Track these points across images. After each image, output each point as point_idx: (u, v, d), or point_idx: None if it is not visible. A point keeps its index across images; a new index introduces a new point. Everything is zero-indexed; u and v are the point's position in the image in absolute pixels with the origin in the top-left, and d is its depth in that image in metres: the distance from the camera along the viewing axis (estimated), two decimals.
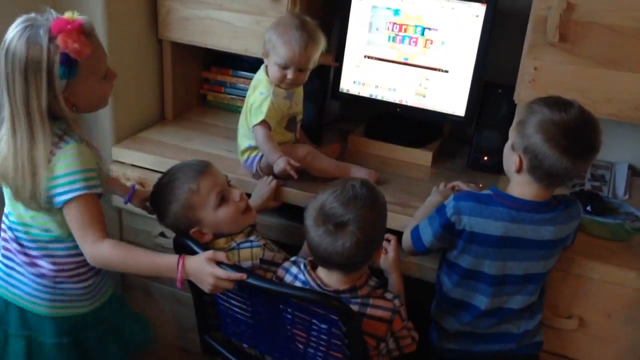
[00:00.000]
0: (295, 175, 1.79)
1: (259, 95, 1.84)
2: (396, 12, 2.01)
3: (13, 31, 1.36)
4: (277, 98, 1.84)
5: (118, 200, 1.94)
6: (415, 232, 1.61)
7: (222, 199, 1.56)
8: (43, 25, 1.36)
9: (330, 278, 1.44)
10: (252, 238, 1.60)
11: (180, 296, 2.06)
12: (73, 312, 1.60)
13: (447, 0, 1.94)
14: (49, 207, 1.47)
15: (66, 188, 1.42)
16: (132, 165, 2.07)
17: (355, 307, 1.40)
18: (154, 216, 1.65)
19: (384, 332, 1.42)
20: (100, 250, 1.45)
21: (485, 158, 2.02)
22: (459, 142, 2.19)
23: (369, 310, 1.41)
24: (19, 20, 1.38)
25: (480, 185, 1.92)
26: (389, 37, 2.03)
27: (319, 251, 1.38)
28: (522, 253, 1.51)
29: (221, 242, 1.59)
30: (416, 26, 2.00)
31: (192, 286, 1.58)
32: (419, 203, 1.77)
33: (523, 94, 1.74)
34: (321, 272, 1.45)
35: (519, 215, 1.49)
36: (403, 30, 2.02)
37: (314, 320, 1.39)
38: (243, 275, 1.38)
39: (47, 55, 1.34)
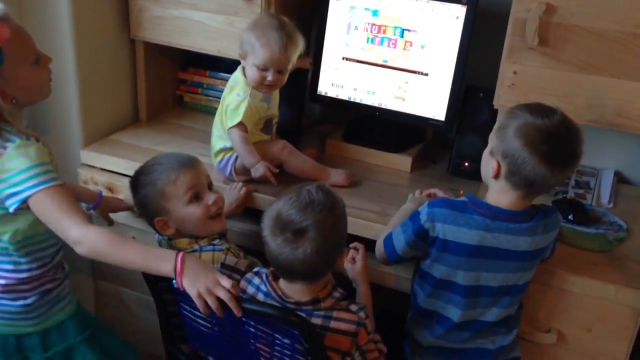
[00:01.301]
0: (274, 180, 1.77)
1: (235, 97, 1.78)
2: (375, 12, 1.95)
3: None
4: (254, 100, 1.79)
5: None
6: (388, 239, 1.55)
7: (196, 198, 1.55)
8: None
9: (292, 289, 1.37)
10: (215, 242, 1.58)
11: (153, 304, 1.99)
12: (15, 331, 1.52)
13: (426, 1, 1.88)
14: None
15: (23, 186, 1.33)
16: (102, 169, 2.00)
17: (317, 320, 1.34)
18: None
19: (349, 346, 1.35)
20: (88, 234, 1.33)
21: (466, 164, 1.96)
22: (441, 147, 2.13)
23: (333, 324, 1.35)
24: None
25: (461, 192, 1.87)
26: (368, 38, 1.97)
27: (279, 261, 1.32)
28: (498, 264, 1.45)
29: (184, 242, 1.57)
30: (395, 27, 1.94)
31: (155, 295, 1.52)
32: (396, 210, 1.71)
33: (503, 98, 1.68)
34: (283, 283, 1.39)
35: (493, 224, 1.43)
36: (382, 31, 1.96)
37: (276, 335, 1.33)
38: (238, 311, 1.28)
39: None
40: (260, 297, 1.41)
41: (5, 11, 1.33)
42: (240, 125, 1.77)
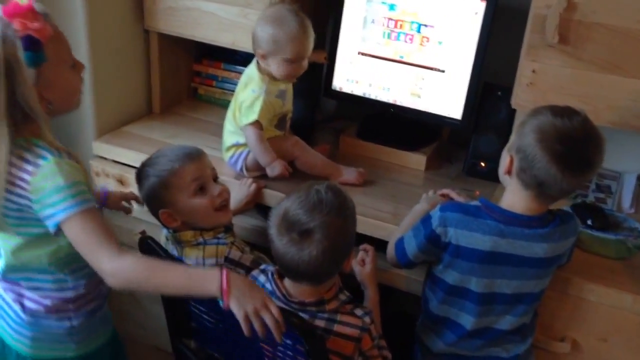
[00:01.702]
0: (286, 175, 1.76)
1: (250, 93, 1.75)
2: (392, 7, 1.90)
3: None
4: (270, 96, 1.75)
5: None
6: (400, 243, 1.51)
7: (201, 189, 1.54)
8: None
9: (296, 289, 1.35)
10: (220, 236, 1.56)
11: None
12: (56, 355, 1.46)
13: None
14: (26, 230, 1.33)
15: (59, 208, 1.25)
16: (114, 161, 1.99)
17: (321, 323, 1.31)
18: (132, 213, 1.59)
19: (352, 351, 1.32)
20: (122, 265, 1.25)
21: (482, 164, 1.91)
22: (457, 146, 2.08)
23: (336, 327, 1.32)
24: None
25: (478, 193, 1.82)
26: (384, 33, 1.93)
27: (285, 261, 1.30)
28: (512, 270, 1.41)
29: (189, 234, 1.56)
30: (412, 22, 1.89)
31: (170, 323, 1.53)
32: (409, 210, 1.67)
33: (520, 97, 1.62)
34: (288, 282, 1.36)
35: (508, 230, 1.38)
36: (399, 26, 1.91)
37: None
38: (279, 338, 1.22)
39: (4, 44, 1.20)
40: None
41: (45, 10, 1.28)
42: (256, 123, 1.73)
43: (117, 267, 1.26)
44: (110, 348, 1.58)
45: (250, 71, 1.79)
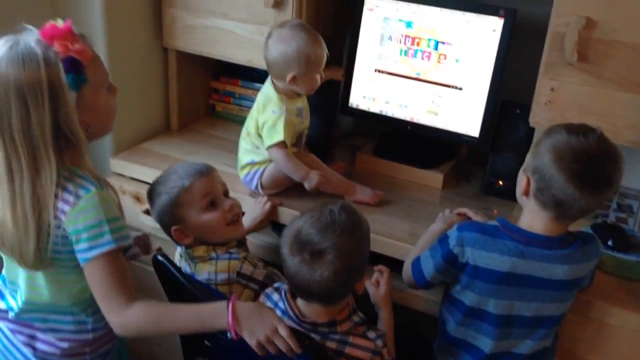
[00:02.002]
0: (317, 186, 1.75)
1: (271, 114, 1.73)
2: (409, 24, 1.89)
3: None
4: (290, 115, 1.75)
5: None
6: (416, 263, 1.49)
7: (212, 205, 1.54)
8: (31, 39, 1.18)
9: (309, 309, 1.34)
10: (232, 251, 1.56)
11: None
12: None
13: (462, 13, 1.82)
14: (59, 264, 1.29)
15: (92, 243, 1.22)
16: (131, 178, 2.00)
17: (332, 345, 1.30)
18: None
19: None
20: (130, 318, 1.25)
21: (501, 183, 1.88)
22: (475, 164, 2.06)
23: (348, 349, 1.30)
24: (2, 40, 1.20)
25: (496, 212, 1.80)
26: (401, 50, 1.92)
27: (296, 282, 1.29)
28: (532, 293, 1.38)
29: (201, 249, 1.56)
30: (429, 40, 1.88)
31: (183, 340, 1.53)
32: (425, 229, 1.64)
33: (539, 116, 1.60)
34: (300, 301, 1.35)
35: (527, 251, 1.35)
36: (416, 43, 1.90)
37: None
38: (299, 349, 1.23)
39: (46, 68, 1.15)
40: (277, 313, 1.37)
41: (82, 32, 1.26)
42: (282, 143, 1.73)
43: (125, 321, 1.26)
44: None
45: (267, 92, 1.77)
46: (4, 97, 1.15)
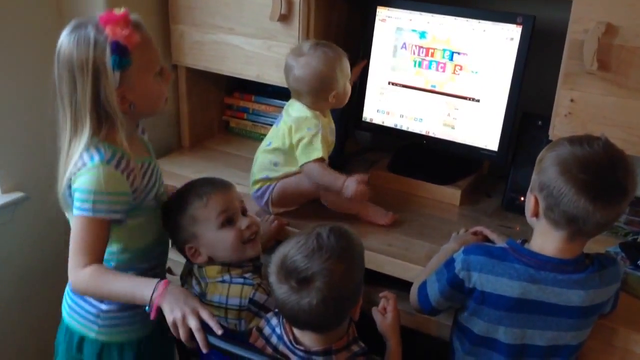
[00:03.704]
0: (368, 192, 1.67)
1: (307, 131, 1.69)
2: (422, 34, 1.81)
3: (63, 35, 1.34)
4: (325, 131, 1.71)
5: None
6: (423, 288, 1.41)
7: (228, 222, 1.49)
8: (91, 23, 1.33)
9: (303, 336, 1.27)
10: (247, 275, 1.49)
11: None
12: (82, 332, 1.51)
13: (478, 21, 1.73)
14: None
15: (78, 204, 1.35)
16: None
17: None
18: None
19: None
20: (79, 277, 1.36)
21: (522, 199, 1.77)
22: (498, 179, 1.95)
23: None
24: (70, 24, 1.36)
25: (518, 229, 1.70)
26: (415, 62, 1.84)
27: (285, 311, 1.22)
28: (545, 320, 1.28)
29: (214, 269, 1.50)
30: (444, 50, 1.80)
31: (179, 347, 1.46)
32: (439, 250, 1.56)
33: (558, 129, 1.51)
34: (295, 328, 1.28)
35: (539, 275, 1.25)
36: (430, 54, 1.82)
37: None
38: (204, 345, 1.24)
39: (95, 48, 1.30)
40: (274, 339, 1.32)
41: (138, 20, 1.38)
42: (320, 159, 1.68)
43: (76, 279, 1.36)
44: (131, 352, 1.55)
45: (300, 113, 1.71)
46: (61, 68, 1.34)
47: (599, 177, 1.18)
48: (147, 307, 1.30)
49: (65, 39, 1.34)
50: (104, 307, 1.47)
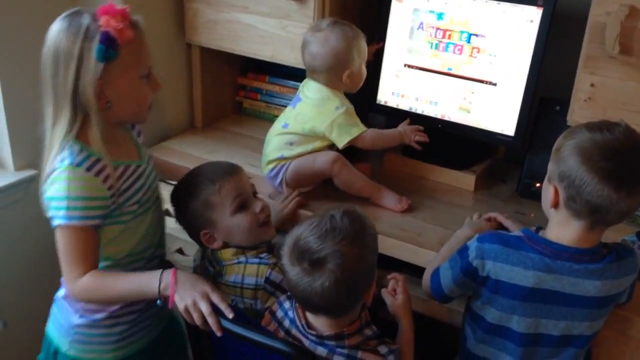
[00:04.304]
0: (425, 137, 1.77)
1: (335, 112, 1.69)
2: (440, 15, 1.78)
3: (57, 20, 1.31)
4: (350, 103, 1.73)
5: None
6: (436, 275, 1.39)
7: (242, 207, 1.48)
8: (88, 11, 1.31)
9: (316, 320, 1.26)
10: (262, 255, 1.49)
11: None
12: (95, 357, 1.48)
13: (497, 3, 1.69)
14: None
15: (54, 213, 1.32)
16: None
17: (340, 359, 1.20)
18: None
19: None
20: (78, 288, 1.34)
21: (538, 185, 1.74)
22: (513, 164, 1.92)
23: None
24: (68, 10, 1.33)
25: (533, 216, 1.68)
26: (432, 44, 1.81)
27: (297, 293, 1.21)
28: (560, 310, 1.26)
29: (229, 252, 1.49)
30: (462, 32, 1.76)
31: (190, 331, 1.47)
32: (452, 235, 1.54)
33: (577, 114, 1.47)
34: (308, 312, 1.27)
35: (554, 264, 1.23)
36: (447, 36, 1.78)
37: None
38: (217, 328, 1.26)
39: (85, 35, 1.27)
40: (286, 323, 1.32)
41: (138, 20, 1.35)
42: (365, 131, 1.72)
43: (74, 290, 1.35)
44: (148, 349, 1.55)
45: (320, 94, 1.71)
46: (47, 53, 1.30)
47: (622, 164, 1.14)
48: (158, 301, 1.30)
49: (57, 24, 1.30)
50: (76, 321, 1.45)
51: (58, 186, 1.30)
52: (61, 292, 1.48)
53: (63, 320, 1.47)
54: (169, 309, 1.32)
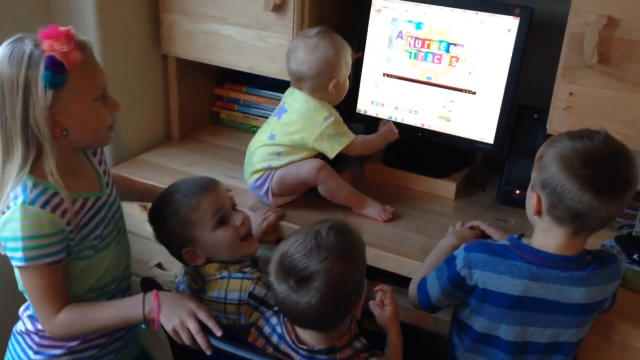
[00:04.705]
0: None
1: (324, 122, 1.67)
2: (418, 25, 1.79)
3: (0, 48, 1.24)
4: (337, 112, 1.73)
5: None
6: (422, 285, 1.39)
7: (222, 221, 1.45)
8: (30, 37, 1.22)
9: (306, 335, 1.25)
10: (246, 270, 1.47)
11: None
12: None
13: (475, 12, 1.71)
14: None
15: (11, 254, 1.27)
16: None
17: None
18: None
19: None
20: (56, 326, 1.31)
21: (518, 192, 1.77)
22: (491, 172, 1.94)
23: None
24: (11, 38, 1.25)
25: (513, 222, 1.69)
26: (410, 53, 1.81)
27: (285, 310, 1.20)
28: (546, 318, 1.27)
29: (213, 267, 1.47)
30: (440, 41, 1.77)
31: (176, 354, 1.45)
32: (436, 244, 1.54)
33: (557, 122, 1.49)
34: (297, 327, 1.26)
35: (541, 272, 1.24)
36: (426, 46, 1.79)
37: None
38: (206, 347, 1.24)
39: (29, 62, 1.19)
40: (275, 339, 1.30)
41: (86, 41, 1.28)
42: (353, 139, 1.72)
43: (53, 329, 1.32)
44: None
45: (306, 105, 1.69)
46: None
47: (602, 171, 1.16)
48: (143, 325, 1.28)
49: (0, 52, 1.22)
50: (32, 357, 1.40)
51: (12, 226, 1.24)
52: (19, 326, 1.44)
53: (18, 357, 1.42)
54: (155, 330, 1.29)
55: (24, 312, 1.43)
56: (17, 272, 1.34)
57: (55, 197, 1.25)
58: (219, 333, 1.23)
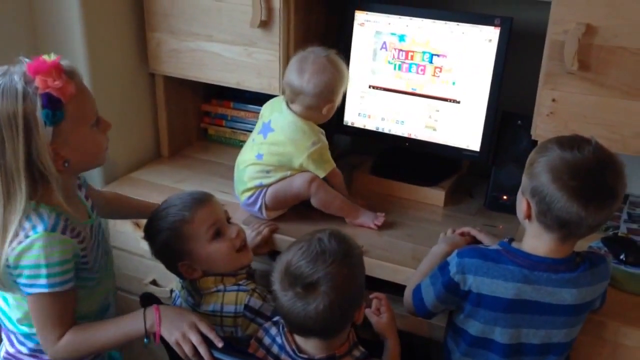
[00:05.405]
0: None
1: (312, 147, 1.69)
2: (401, 37, 1.82)
3: None
4: (324, 138, 1.74)
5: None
6: (417, 292, 1.41)
7: (217, 234, 1.47)
8: (17, 72, 1.20)
9: (306, 344, 1.27)
10: (241, 283, 1.49)
11: None
12: None
13: (456, 24, 1.75)
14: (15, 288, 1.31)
15: (30, 282, 1.26)
16: None
17: None
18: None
19: None
20: (60, 349, 1.31)
21: (505, 197, 1.80)
22: (478, 178, 1.98)
23: None
24: None
25: (501, 227, 1.72)
26: (395, 65, 1.85)
27: (291, 318, 1.22)
28: (539, 319, 1.30)
29: (209, 280, 1.48)
30: (424, 53, 1.81)
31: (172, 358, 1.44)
32: (427, 251, 1.57)
33: (541, 128, 1.53)
34: (298, 336, 1.28)
35: (533, 275, 1.27)
36: (410, 57, 1.83)
37: None
38: (220, 342, 1.27)
39: (24, 101, 1.17)
40: (275, 349, 1.32)
41: (73, 68, 1.27)
42: (334, 169, 1.74)
43: (57, 353, 1.32)
44: None
45: (295, 125, 1.69)
46: None
47: (590, 182, 1.20)
48: (145, 340, 1.29)
49: None
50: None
51: (32, 254, 1.23)
52: (2, 352, 1.44)
53: None
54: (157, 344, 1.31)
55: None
56: (8, 299, 1.35)
57: (70, 224, 1.28)
58: (220, 344, 1.25)
